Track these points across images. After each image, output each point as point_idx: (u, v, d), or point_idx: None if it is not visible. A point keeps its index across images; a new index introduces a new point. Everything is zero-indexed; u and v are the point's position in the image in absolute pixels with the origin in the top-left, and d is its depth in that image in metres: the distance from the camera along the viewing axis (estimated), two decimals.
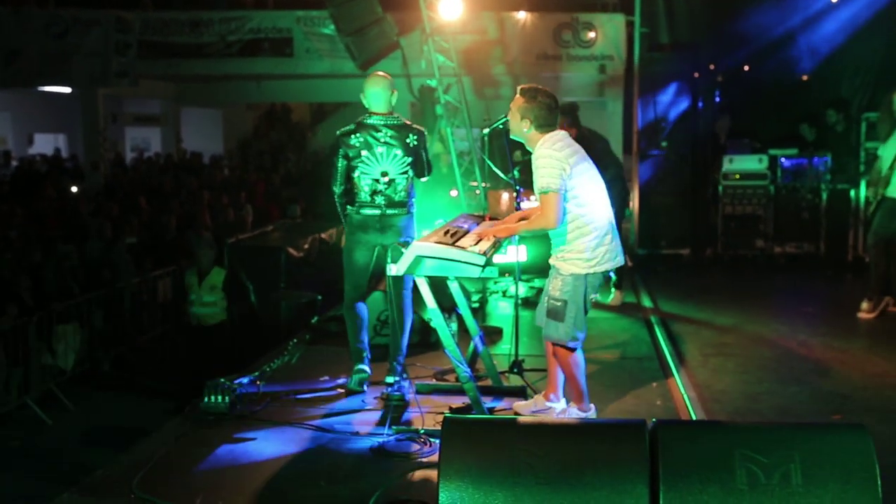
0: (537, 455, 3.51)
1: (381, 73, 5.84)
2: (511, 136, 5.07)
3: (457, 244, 4.67)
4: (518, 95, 4.90)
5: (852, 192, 10.27)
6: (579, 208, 4.72)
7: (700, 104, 11.56)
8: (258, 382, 5.66)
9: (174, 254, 11.14)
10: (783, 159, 10.50)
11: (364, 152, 5.54)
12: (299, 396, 5.60)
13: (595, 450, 3.61)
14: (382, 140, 5.56)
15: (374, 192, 5.58)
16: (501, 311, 8.11)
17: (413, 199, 5.76)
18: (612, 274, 5.36)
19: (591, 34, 14.68)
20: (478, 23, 12.81)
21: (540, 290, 8.26)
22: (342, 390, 5.75)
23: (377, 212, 5.60)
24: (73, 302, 9.11)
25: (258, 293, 9.30)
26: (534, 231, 4.94)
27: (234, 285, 9.28)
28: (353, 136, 5.57)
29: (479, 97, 13.74)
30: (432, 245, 4.54)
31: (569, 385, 5.03)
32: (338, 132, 5.65)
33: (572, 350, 4.87)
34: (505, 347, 6.50)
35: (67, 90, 15.94)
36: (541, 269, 8.21)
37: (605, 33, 14.60)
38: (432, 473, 4.19)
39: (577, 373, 4.92)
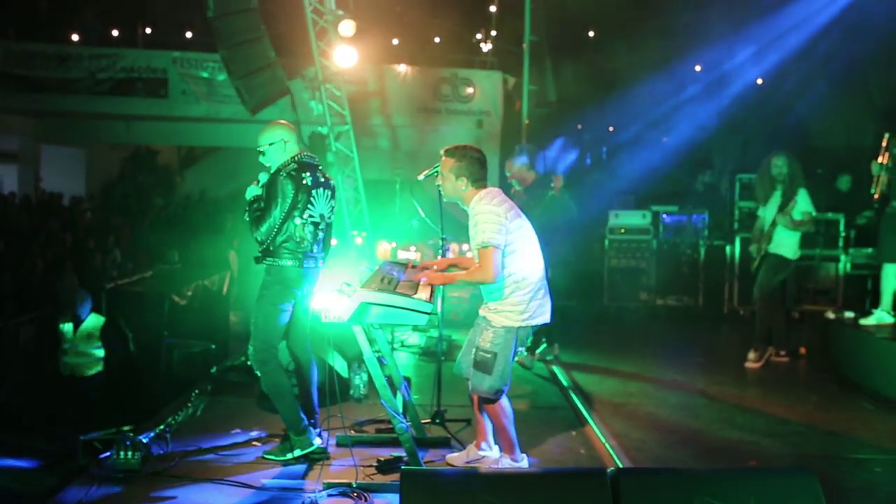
0: None
1: (283, 120, 5.29)
2: (445, 200, 5.00)
3: (397, 291, 4.55)
4: (445, 157, 4.82)
5: (727, 249, 10.82)
6: (516, 263, 4.70)
7: (587, 160, 11.98)
8: (167, 435, 5.28)
9: (38, 299, 10.38)
10: (665, 216, 10.96)
11: (312, 193, 4.91)
12: (215, 451, 5.26)
13: (560, 499, 3.59)
14: (321, 180, 5.02)
15: (316, 241, 5.00)
16: (402, 361, 7.99)
17: None
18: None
19: (470, 90, 15.06)
20: (358, 74, 12.76)
21: (438, 340, 8.30)
22: (257, 444, 5.46)
23: (320, 266, 5.11)
24: None
25: (138, 342, 8.76)
26: (470, 283, 4.88)
27: (113, 333, 8.71)
28: (304, 175, 4.87)
29: (357, 147, 13.70)
30: (380, 293, 4.39)
31: (499, 436, 4.98)
32: (284, 170, 4.88)
33: (495, 401, 4.82)
34: (415, 397, 6.37)
35: None
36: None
37: (483, 89, 15.01)
38: None
39: (507, 423, 4.89)
